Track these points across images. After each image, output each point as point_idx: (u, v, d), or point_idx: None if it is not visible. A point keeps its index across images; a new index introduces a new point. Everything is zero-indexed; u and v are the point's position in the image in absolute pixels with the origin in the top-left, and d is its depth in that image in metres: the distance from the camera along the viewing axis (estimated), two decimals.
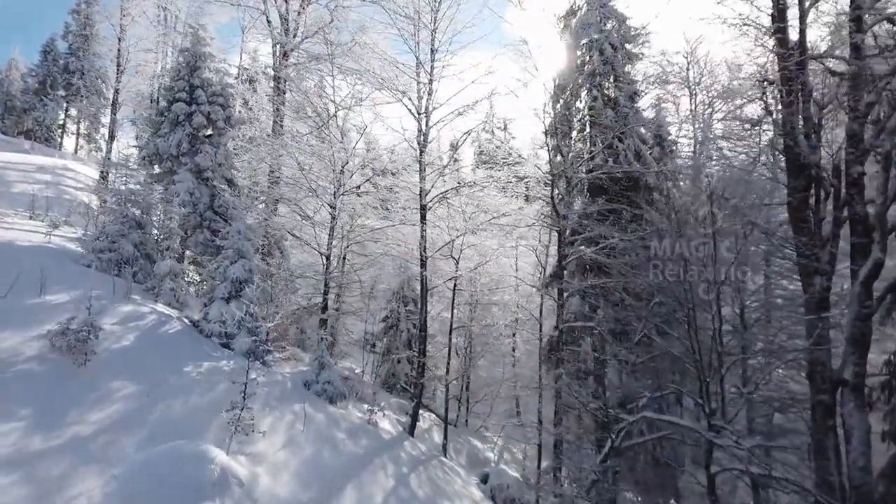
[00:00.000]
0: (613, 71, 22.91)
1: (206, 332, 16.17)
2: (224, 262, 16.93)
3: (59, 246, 18.94)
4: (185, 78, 23.24)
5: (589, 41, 22.50)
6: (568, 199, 19.90)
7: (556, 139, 19.67)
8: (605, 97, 22.65)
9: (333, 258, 21.15)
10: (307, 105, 23.12)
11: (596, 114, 21.68)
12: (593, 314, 20.81)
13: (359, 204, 21.55)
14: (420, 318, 19.50)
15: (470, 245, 20.80)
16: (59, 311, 13.48)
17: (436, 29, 20.31)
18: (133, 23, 33.22)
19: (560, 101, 21.08)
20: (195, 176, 22.46)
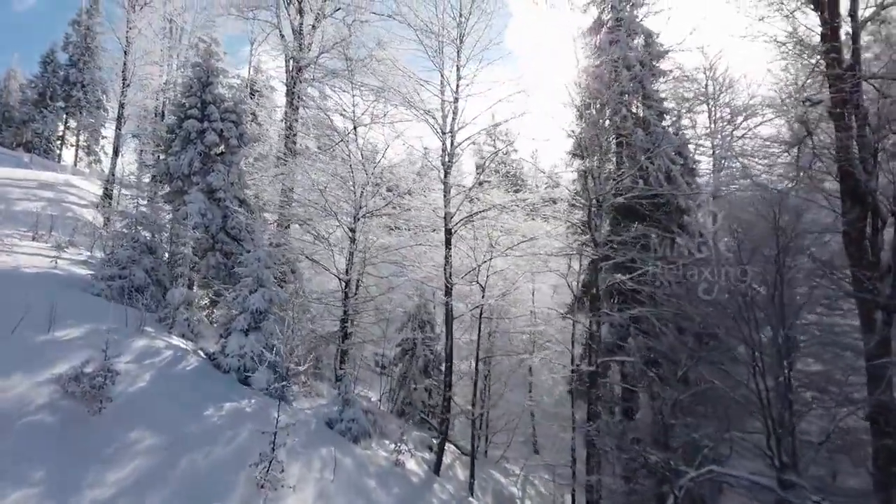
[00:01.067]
0: (643, 89, 22.06)
1: (223, 368, 15.16)
2: (243, 292, 15.94)
3: (65, 272, 17.96)
4: (196, 94, 22.31)
5: (617, 58, 21.63)
6: (598, 222, 18.96)
7: (591, 159, 18.76)
8: (634, 116, 21.81)
9: (352, 283, 20.13)
10: (325, 122, 22.10)
11: (626, 133, 20.80)
12: (623, 343, 19.84)
13: (376, 226, 20.57)
14: (446, 348, 18.50)
15: (496, 271, 19.86)
16: (69, 349, 12.49)
17: (462, 45, 19.45)
18: (139, 35, 32.34)
19: (588, 121, 20.15)
20: (207, 196, 21.48)
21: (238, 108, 22.94)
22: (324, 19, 25.84)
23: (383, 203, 19.91)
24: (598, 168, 19.21)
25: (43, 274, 16.70)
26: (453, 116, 19.36)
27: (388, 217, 20.66)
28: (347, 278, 19.53)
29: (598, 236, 18.30)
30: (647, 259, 18.61)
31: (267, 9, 25.92)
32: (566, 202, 19.49)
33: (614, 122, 20.78)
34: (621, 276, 18.42)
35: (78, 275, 18.17)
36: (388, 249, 21.03)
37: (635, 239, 19.48)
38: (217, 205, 21.71)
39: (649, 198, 20.16)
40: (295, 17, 25.95)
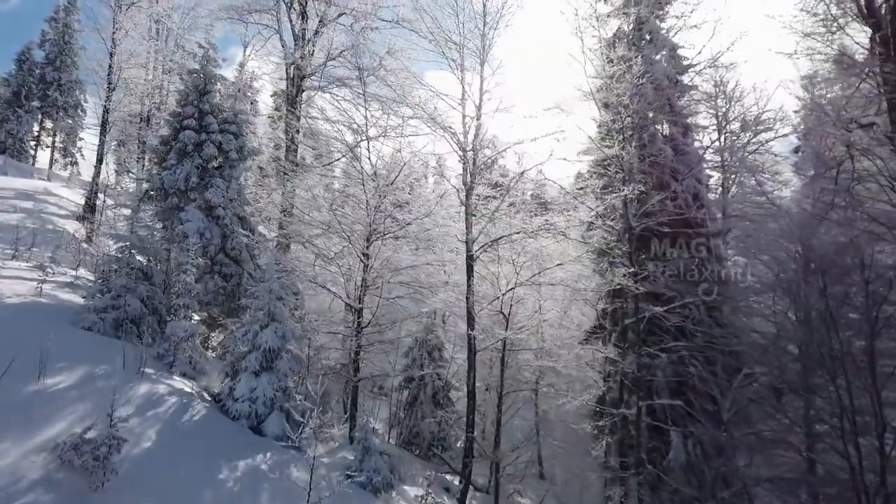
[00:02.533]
0: (670, 106, 20.88)
1: (232, 414, 13.66)
2: (253, 327, 14.43)
3: (52, 299, 16.32)
4: (193, 103, 20.69)
5: (643, 73, 20.43)
6: (635, 251, 17.74)
7: (628, 185, 17.53)
8: (661, 133, 20.65)
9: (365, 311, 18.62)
10: (330, 134, 20.66)
11: (656, 153, 19.57)
12: (652, 377, 18.60)
13: (391, 249, 19.11)
14: (468, 384, 17.12)
15: (520, 299, 18.52)
16: (64, 402, 10.97)
17: (486, 57, 18.14)
18: (126, 37, 30.48)
19: (615, 138, 18.91)
20: (205, 213, 19.90)
21: (238, 119, 21.37)
22: (327, 25, 24.29)
23: (399, 226, 18.43)
24: (629, 189, 18.00)
25: (27, 305, 15.04)
26: (476, 133, 18.02)
27: (404, 240, 19.17)
28: (360, 306, 18.03)
29: (638, 268, 17.03)
30: (681, 290, 17.43)
31: (266, 12, 24.30)
32: (597, 227, 18.18)
33: (642, 139, 19.56)
34: (658, 308, 17.17)
35: (66, 303, 16.53)
36: (400, 271, 19.51)
37: (664, 265, 18.27)
38: (216, 223, 20.12)
39: (679, 222, 19.01)
40: (297, 21, 24.42)
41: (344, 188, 20.05)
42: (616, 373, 17.58)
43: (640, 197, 18.58)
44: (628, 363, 16.87)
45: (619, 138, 17.96)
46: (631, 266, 17.03)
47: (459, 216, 19.06)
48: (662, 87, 21.06)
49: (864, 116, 17.18)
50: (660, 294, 18.13)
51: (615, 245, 17.72)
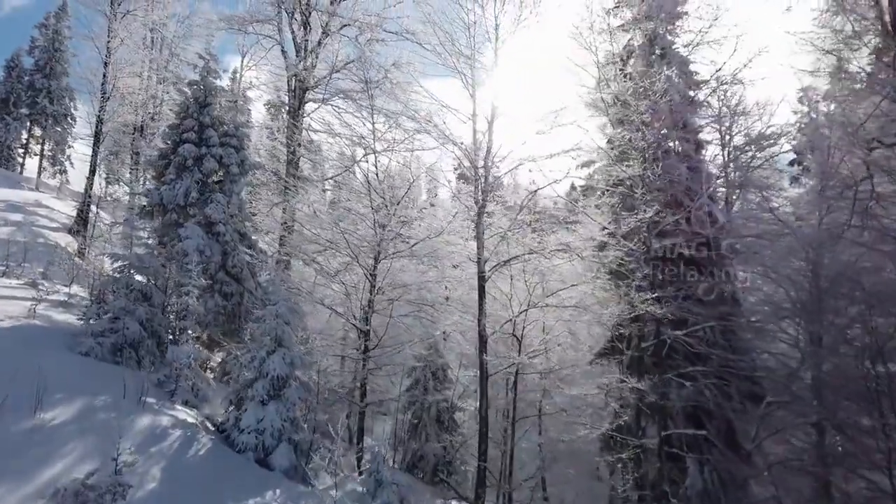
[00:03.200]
0: (684, 124, 20.38)
1: (238, 446, 12.94)
2: (259, 353, 13.73)
3: (46, 321, 15.57)
4: (193, 115, 20.04)
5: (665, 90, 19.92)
6: (650, 271, 17.21)
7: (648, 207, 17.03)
8: (675, 151, 20.15)
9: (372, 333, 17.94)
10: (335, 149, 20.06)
11: (669, 170, 19.05)
12: (664, 401, 18.00)
13: (399, 269, 18.46)
14: (480, 411, 16.46)
15: (534, 320, 17.91)
16: (62, 439, 10.26)
17: (497, 69, 17.63)
18: (121, 45, 29.77)
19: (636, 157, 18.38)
20: (205, 230, 19.20)
21: (239, 132, 20.76)
22: (330, 35, 23.69)
23: (408, 245, 17.77)
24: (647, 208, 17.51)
25: (21, 328, 14.29)
26: (487, 149, 17.45)
27: (412, 259, 18.51)
28: (367, 328, 17.36)
29: (660, 291, 16.47)
30: (702, 312, 16.88)
31: (267, 22, 23.67)
32: (612, 247, 17.57)
33: (656, 155, 19.05)
34: (678, 333, 16.60)
35: (60, 324, 15.78)
36: (408, 290, 18.83)
37: (684, 288, 17.74)
38: (216, 240, 19.44)
39: (694, 243, 18.49)
40: (299, 32, 23.81)
41: (347, 202, 19.38)
42: (633, 398, 16.97)
43: (655, 217, 18.05)
44: (648, 389, 16.27)
45: (640, 158, 17.39)
46: (653, 290, 16.46)
47: (469, 233, 18.50)
48: (676, 103, 20.59)
49: (886, 135, 16.80)
50: (678, 317, 17.54)
51: (635, 267, 17.15)
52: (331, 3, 23.37)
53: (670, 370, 16.98)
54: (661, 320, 16.14)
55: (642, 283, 16.57)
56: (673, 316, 15.92)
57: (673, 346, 17.90)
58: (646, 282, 16.72)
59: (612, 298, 17.42)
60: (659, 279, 17.18)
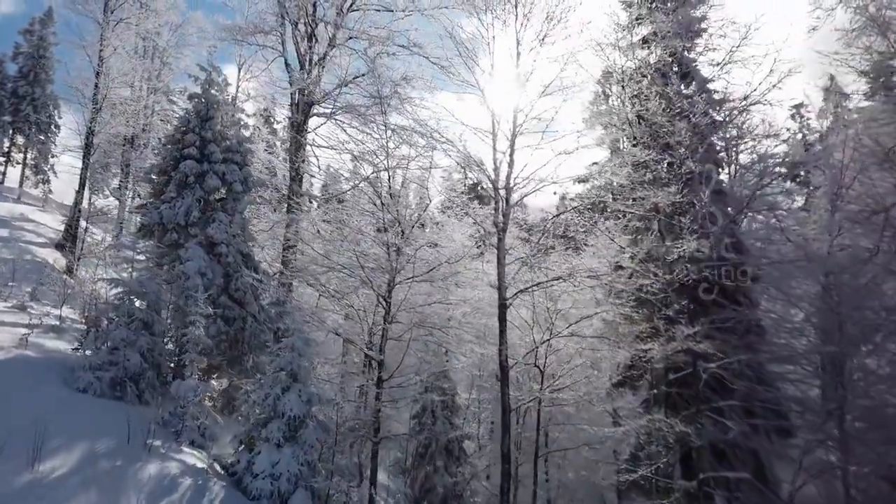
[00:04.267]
0: (707, 146, 19.69)
1: (251, 493, 11.93)
2: (274, 389, 12.74)
3: (38, 351, 14.54)
4: (195, 130, 19.03)
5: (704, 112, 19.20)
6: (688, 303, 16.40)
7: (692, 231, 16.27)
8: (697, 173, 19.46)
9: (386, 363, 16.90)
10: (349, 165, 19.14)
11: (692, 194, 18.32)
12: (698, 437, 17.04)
13: (414, 294, 17.50)
14: (502, 448, 15.50)
15: (556, 349, 17.02)
16: (63, 495, 9.23)
17: (520, 87, 16.83)
18: (114, 54, 28.65)
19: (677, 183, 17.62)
20: (206, 251, 18.17)
21: (243, 147, 19.77)
22: (336, 47, 22.77)
23: (426, 269, 16.83)
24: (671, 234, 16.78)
25: (13, 361, 13.24)
26: (509, 169, 16.63)
27: (431, 284, 17.57)
28: (381, 357, 16.36)
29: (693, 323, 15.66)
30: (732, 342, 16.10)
31: (270, 33, 22.69)
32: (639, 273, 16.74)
33: (679, 176, 18.31)
34: (710, 365, 15.75)
35: (53, 354, 14.75)
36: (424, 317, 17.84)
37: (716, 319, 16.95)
38: (218, 261, 18.40)
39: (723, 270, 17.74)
40: (303, 43, 22.86)
41: (357, 222, 18.43)
42: (664, 435, 16.09)
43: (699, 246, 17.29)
44: (682, 425, 15.39)
45: (680, 183, 16.60)
46: (690, 321, 15.67)
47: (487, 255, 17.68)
48: (700, 123, 19.94)
49: None
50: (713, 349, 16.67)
51: (665, 296, 16.34)
52: (337, 14, 22.45)
53: (701, 404, 16.15)
54: (697, 353, 15.28)
55: (677, 315, 15.75)
56: (707, 348, 15.09)
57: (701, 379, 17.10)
58: (682, 313, 15.89)
59: (634, 327, 16.55)
60: (691, 309, 16.38)
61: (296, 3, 22.39)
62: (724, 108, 21.28)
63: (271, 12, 23.19)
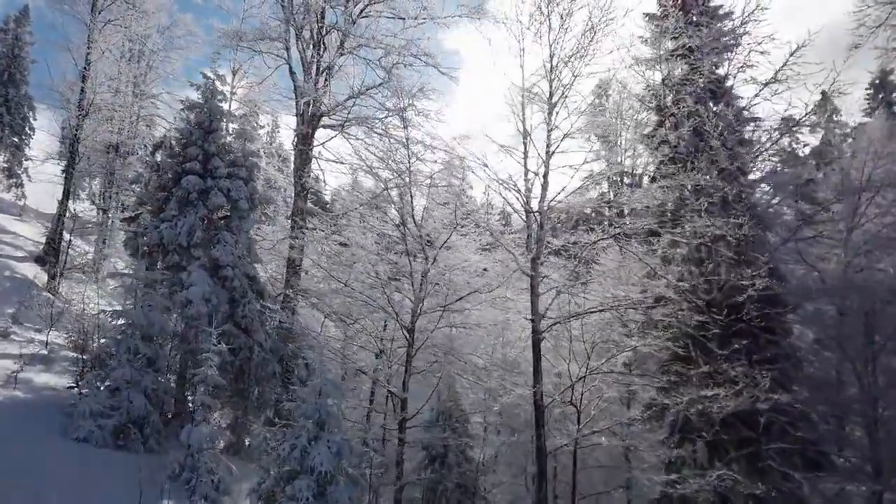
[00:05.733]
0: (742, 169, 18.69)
1: None
2: (300, 440, 11.37)
3: (29, 390, 13.08)
4: (197, 142, 17.63)
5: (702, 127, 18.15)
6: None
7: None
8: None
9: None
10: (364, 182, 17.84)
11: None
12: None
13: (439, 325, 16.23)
14: (538, 495, 14.27)
15: (591, 387, 15.78)
16: None
17: (554, 102, 15.68)
18: (102, 58, 27.00)
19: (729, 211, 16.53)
20: (210, 273, 16.77)
21: (248, 162, 18.41)
22: (343, 56, 21.49)
23: (455, 298, 15.56)
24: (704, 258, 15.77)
25: (3, 405, 11.72)
26: (543, 191, 15.46)
27: (457, 314, 16.34)
28: (405, 395, 15.06)
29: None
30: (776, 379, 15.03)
31: (276, 40, 21.26)
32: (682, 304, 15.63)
33: (747, 206, 17.15)
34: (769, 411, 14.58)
35: (45, 393, 13.32)
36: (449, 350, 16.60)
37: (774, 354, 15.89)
38: (223, 285, 16.99)
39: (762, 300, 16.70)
40: (307, 50, 21.49)
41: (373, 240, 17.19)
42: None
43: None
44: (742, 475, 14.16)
45: (742, 211, 15.46)
46: (749, 361, 14.57)
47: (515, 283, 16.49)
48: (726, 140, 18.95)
49: None
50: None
51: (720, 332, 15.21)
52: (346, 21, 21.10)
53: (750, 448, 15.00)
54: (760, 391, 14.03)
55: (734, 353, 14.63)
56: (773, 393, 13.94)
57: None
58: (738, 351, 14.77)
59: (691, 368, 15.32)
60: (749, 347, 15.29)
61: (302, 7, 21.06)
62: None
63: (274, 17, 21.86)
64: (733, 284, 16.21)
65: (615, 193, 19.15)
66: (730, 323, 16.07)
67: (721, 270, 17.09)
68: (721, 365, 15.43)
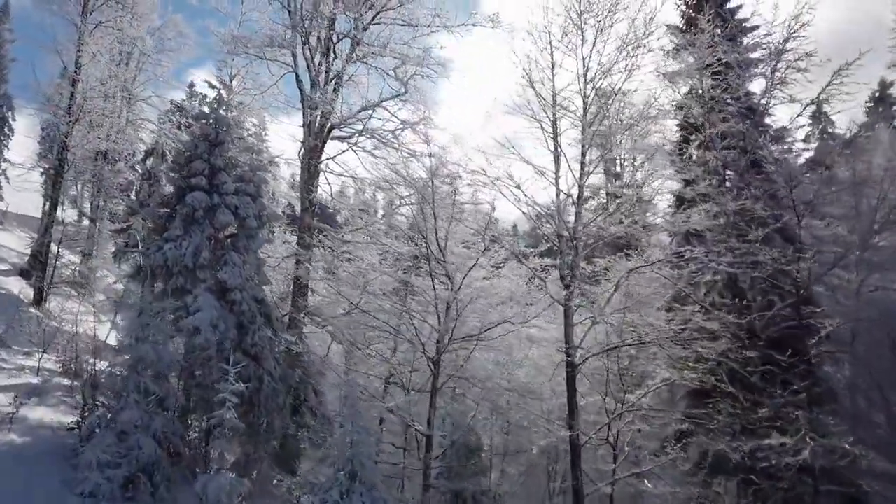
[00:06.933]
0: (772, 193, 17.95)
1: None
2: (331, 494, 10.34)
3: (24, 432, 11.88)
4: (203, 156, 16.44)
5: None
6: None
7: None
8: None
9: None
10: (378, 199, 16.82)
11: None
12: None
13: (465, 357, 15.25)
14: None
15: (627, 422, 14.81)
16: None
17: (586, 119, 14.82)
18: (93, 61, 25.64)
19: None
20: (217, 297, 15.62)
21: (256, 177, 17.29)
22: (354, 63, 20.42)
23: (480, 328, 14.60)
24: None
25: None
26: (577, 215, 14.57)
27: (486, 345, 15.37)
28: (431, 433, 14.05)
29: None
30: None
31: (284, 47, 20.13)
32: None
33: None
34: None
35: (43, 434, 12.13)
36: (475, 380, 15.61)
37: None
38: (231, 310, 15.83)
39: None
40: (314, 56, 20.41)
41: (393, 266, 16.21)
42: None
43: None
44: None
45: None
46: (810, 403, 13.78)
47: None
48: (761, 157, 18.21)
49: None
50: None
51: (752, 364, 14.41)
52: (355, 27, 20.06)
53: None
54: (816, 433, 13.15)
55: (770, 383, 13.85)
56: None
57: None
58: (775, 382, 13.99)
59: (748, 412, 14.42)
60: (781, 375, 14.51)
61: (311, 13, 20.01)
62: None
63: (279, 22, 20.76)
64: (773, 315, 15.50)
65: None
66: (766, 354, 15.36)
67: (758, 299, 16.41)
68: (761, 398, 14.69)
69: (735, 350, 14.30)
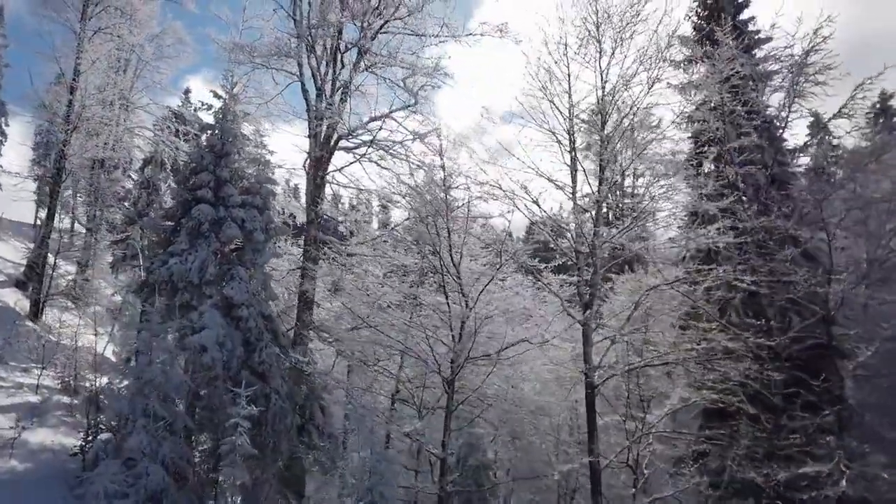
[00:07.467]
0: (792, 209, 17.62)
1: None
2: None
3: (27, 459, 11.36)
4: (209, 168, 16.00)
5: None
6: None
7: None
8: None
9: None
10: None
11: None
12: None
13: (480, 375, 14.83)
14: None
15: (648, 445, 14.39)
16: None
17: (605, 135, 14.48)
18: (92, 68, 25.14)
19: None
20: (223, 313, 15.14)
21: (263, 189, 16.85)
22: (361, 73, 20.02)
23: (498, 347, 14.17)
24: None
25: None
26: (595, 232, 14.16)
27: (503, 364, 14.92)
28: (444, 455, 13.58)
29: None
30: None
31: (287, 56, 19.69)
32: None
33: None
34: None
35: (45, 457, 11.67)
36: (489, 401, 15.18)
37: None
38: (237, 326, 15.35)
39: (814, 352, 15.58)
40: (320, 66, 19.98)
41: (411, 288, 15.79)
42: None
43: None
44: None
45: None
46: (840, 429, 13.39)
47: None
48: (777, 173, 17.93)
49: None
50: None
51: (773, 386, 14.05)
52: (362, 36, 19.66)
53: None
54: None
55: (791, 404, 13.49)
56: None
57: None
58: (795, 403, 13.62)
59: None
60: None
61: (317, 21, 19.62)
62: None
63: (283, 31, 20.35)
64: (794, 335, 15.13)
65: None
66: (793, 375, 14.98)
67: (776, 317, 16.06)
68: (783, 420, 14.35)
69: (758, 370, 13.91)
